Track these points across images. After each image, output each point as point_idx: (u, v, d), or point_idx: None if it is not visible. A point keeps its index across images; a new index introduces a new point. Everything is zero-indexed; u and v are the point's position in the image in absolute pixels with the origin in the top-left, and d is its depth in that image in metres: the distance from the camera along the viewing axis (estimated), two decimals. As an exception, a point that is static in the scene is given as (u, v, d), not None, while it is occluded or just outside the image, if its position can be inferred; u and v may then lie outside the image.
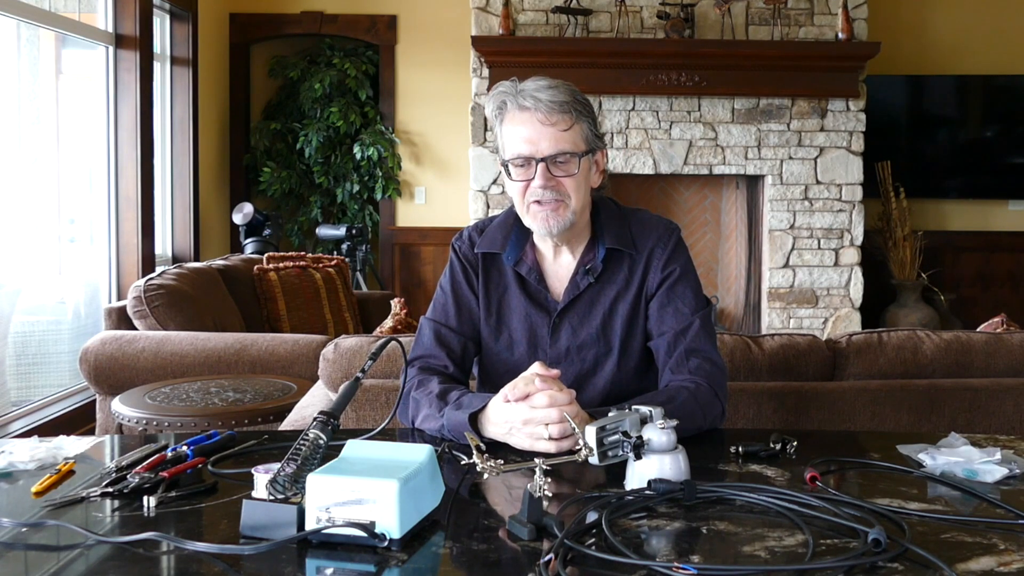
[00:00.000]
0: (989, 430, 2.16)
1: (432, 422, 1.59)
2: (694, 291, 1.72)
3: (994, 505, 1.24)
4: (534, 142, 1.62)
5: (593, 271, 1.72)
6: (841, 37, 5.43)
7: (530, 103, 1.62)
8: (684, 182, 6.00)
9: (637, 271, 1.72)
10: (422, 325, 1.79)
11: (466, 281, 1.77)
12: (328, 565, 1.04)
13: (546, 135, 1.62)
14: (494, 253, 1.76)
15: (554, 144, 1.62)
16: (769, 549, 1.08)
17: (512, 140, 1.65)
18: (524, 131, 1.63)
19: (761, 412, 2.16)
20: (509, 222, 1.78)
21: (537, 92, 1.62)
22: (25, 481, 1.33)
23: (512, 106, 1.64)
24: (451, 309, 1.76)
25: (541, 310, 1.73)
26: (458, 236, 1.83)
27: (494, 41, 5.41)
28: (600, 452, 1.28)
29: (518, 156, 1.64)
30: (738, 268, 6.05)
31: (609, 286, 1.72)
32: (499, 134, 1.69)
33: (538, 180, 1.63)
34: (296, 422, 2.17)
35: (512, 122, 1.65)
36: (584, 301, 1.72)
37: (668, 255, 1.72)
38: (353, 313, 4.56)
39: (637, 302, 1.72)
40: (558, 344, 1.72)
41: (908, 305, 5.99)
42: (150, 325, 3.50)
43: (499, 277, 1.77)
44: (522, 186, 1.66)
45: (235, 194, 6.27)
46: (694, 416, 1.57)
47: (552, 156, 1.62)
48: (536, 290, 1.73)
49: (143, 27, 4.80)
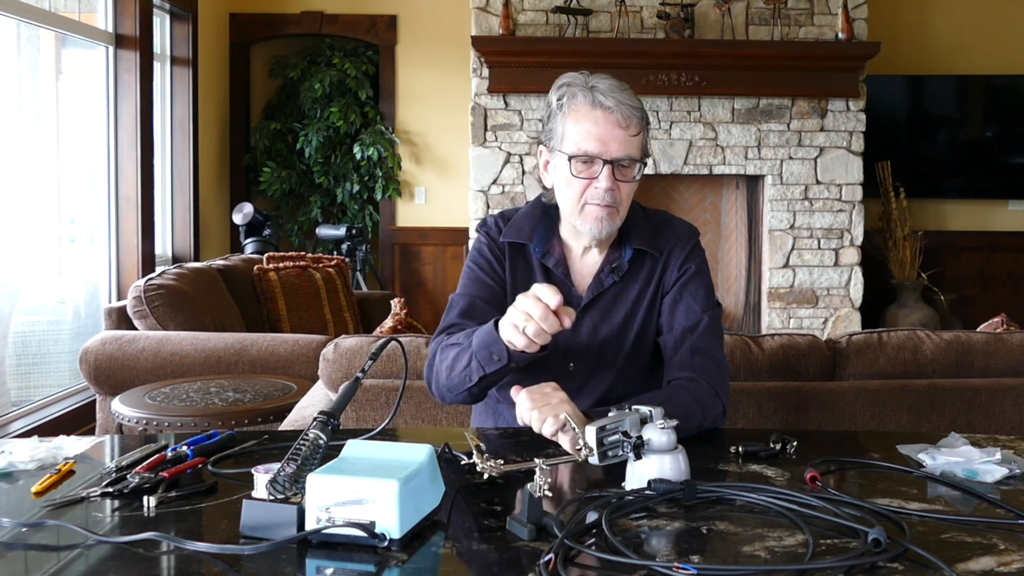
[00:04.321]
0: (989, 430, 2.17)
1: (462, 357, 1.56)
2: (706, 291, 1.74)
3: (994, 505, 1.24)
4: (605, 143, 1.62)
5: (619, 270, 1.73)
6: (841, 37, 5.43)
7: (611, 103, 1.61)
8: (684, 182, 6.00)
9: (657, 270, 1.75)
10: (453, 300, 1.76)
11: (496, 264, 1.77)
12: (328, 565, 1.04)
13: (617, 138, 1.62)
14: (521, 243, 1.76)
15: (623, 148, 1.62)
16: (769, 549, 1.08)
17: (580, 136, 1.63)
18: (596, 130, 1.62)
19: (761, 412, 2.16)
20: (536, 213, 1.78)
21: (615, 93, 1.62)
22: (25, 481, 1.33)
23: (584, 101, 1.63)
24: (483, 285, 1.75)
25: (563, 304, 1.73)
26: (482, 223, 1.82)
27: (494, 41, 5.41)
28: (600, 452, 1.28)
29: (584, 153, 1.63)
30: (738, 268, 6.05)
31: (632, 285, 1.74)
32: (560, 125, 1.66)
33: (604, 182, 1.62)
34: (296, 422, 2.17)
35: (584, 119, 1.63)
36: (607, 298, 1.73)
37: (686, 255, 1.74)
38: (353, 313, 4.56)
39: (654, 300, 1.74)
40: (578, 338, 1.72)
41: (908, 305, 5.99)
42: (150, 325, 3.50)
43: (525, 267, 1.77)
44: (582, 184, 1.65)
45: (235, 194, 6.27)
46: (694, 416, 1.57)
47: (619, 159, 1.62)
48: (561, 283, 1.73)
49: (143, 27, 4.80)
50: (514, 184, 5.59)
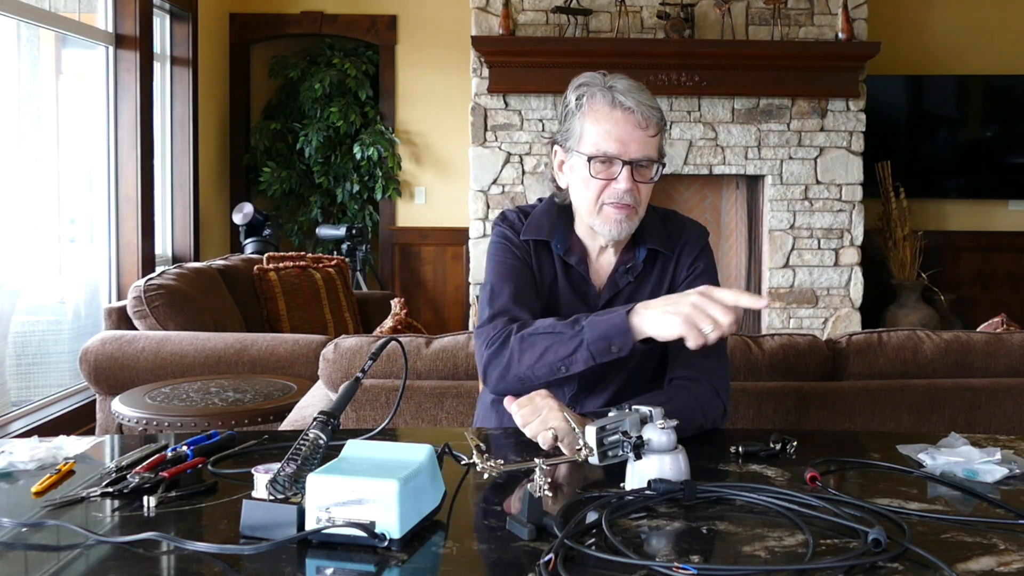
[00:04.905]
0: (989, 430, 2.17)
1: (561, 347, 1.52)
2: None
3: (994, 505, 1.24)
4: (624, 143, 1.61)
5: (633, 271, 1.73)
6: (841, 37, 5.43)
7: (631, 103, 1.61)
8: (684, 182, 6.00)
9: (669, 269, 1.75)
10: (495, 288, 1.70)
11: (524, 259, 1.74)
12: (328, 565, 1.04)
13: (637, 138, 1.62)
14: (541, 240, 1.75)
15: (642, 149, 1.62)
16: (769, 549, 1.08)
17: (599, 136, 1.63)
18: (617, 131, 1.61)
19: (761, 412, 2.16)
20: (553, 211, 1.77)
21: (634, 93, 1.62)
22: (25, 481, 1.33)
23: (604, 101, 1.63)
24: (521, 272, 1.71)
25: (582, 302, 1.73)
26: (502, 217, 1.79)
27: (494, 41, 5.41)
28: (600, 452, 1.28)
29: (603, 154, 1.62)
30: (738, 268, 6.05)
31: (645, 284, 1.75)
32: (577, 124, 1.66)
33: (623, 183, 1.62)
34: (296, 422, 2.17)
35: (602, 119, 1.63)
36: (622, 299, 1.73)
37: (696, 254, 1.75)
38: (353, 313, 4.56)
39: None
40: None
41: (908, 305, 5.98)
42: (150, 325, 3.50)
43: (548, 263, 1.76)
44: (600, 185, 1.64)
45: (235, 194, 6.27)
46: (694, 416, 1.57)
47: (638, 160, 1.62)
48: (580, 281, 1.74)
49: (143, 27, 4.80)
50: (514, 184, 5.59)
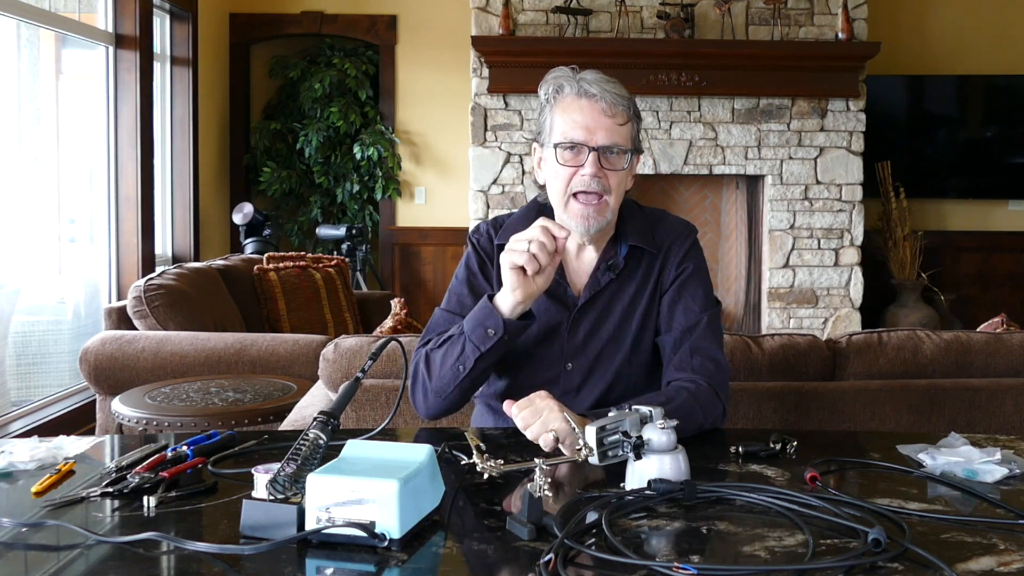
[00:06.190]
0: (989, 430, 2.16)
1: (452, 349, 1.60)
2: (705, 290, 1.73)
3: (994, 505, 1.24)
4: (591, 130, 1.62)
5: (615, 267, 1.72)
6: (841, 37, 5.43)
7: (596, 91, 1.62)
8: (684, 182, 6.00)
9: (655, 268, 1.73)
10: (435, 315, 1.77)
11: (482, 272, 1.76)
12: (328, 565, 1.04)
13: (603, 125, 1.62)
14: None
15: (609, 136, 1.62)
16: (769, 549, 1.08)
17: (566, 124, 1.64)
18: (582, 118, 1.62)
19: (761, 412, 2.16)
20: (530, 216, 1.76)
21: (601, 83, 1.63)
22: (25, 481, 1.33)
23: (571, 91, 1.64)
24: (466, 299, 1.74)
25: (560, 304, 1.72)
26: (475, 229, 1.82)
27: (494, 41, 5.41)
28: (600, 452, 1.28)
29: (569, 141, 1.63)
30: (738, 268, 6.05)
31: (628, 283, 1.73)
32: (547, 117, 1.67)
33: (588, 168, 1.62)
34: (296, 422, 2.17)
35: (569, 108, 1.64)
36: (604, 297, 1.72)
37: (684, 253, 1.74)
38: (353, 313, 4.56)
39: (653, 299, 1.73)
40: (575, 338, 1.71)
41: (908, 305, 5.98)
42: (150, 325, 3.50)
43: None
44: (568, 173, 1.64)
45: (235, 194, 6.27)
46: (694, 416, 1.57)
47: (605, 147, 1.62)
48: (557, 284, 1.72)
49: (143, 27, 4.80)
50: (514, 184, 5.59)
